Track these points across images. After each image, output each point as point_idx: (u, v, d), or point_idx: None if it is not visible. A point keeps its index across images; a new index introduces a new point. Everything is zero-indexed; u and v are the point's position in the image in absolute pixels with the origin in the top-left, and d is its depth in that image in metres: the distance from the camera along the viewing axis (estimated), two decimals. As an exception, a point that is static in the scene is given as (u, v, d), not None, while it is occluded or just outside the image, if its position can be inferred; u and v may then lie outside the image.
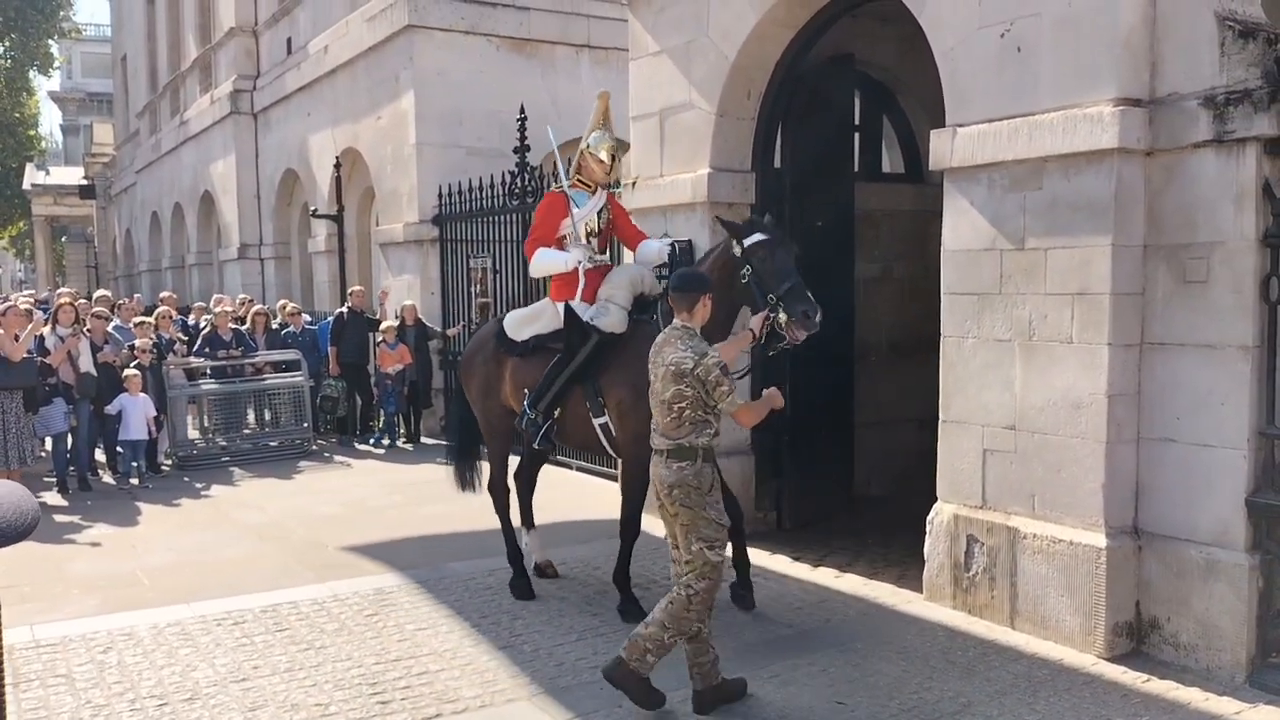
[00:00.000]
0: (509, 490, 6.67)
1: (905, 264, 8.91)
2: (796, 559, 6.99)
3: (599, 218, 6.35)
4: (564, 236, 6.25)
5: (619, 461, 6.13)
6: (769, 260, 5.22)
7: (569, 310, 6.00)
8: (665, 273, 6.18)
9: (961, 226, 5.75)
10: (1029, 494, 5.49)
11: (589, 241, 6.25)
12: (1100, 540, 5.14)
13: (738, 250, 5.33)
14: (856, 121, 8.60)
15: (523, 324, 6.33)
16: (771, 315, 5.18)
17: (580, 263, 6.10)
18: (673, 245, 6.27)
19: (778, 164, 7.73)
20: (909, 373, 8.69)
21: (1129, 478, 5.21)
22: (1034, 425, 5.44)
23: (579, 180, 6.35)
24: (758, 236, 5.29)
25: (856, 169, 8.52)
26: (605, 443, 5.97)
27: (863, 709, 4.61)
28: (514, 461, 6.74)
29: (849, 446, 8.17)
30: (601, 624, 5.78)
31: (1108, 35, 5.03)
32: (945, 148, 5.75)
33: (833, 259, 7.87)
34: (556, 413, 6.05)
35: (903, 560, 6.75)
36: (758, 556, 7.05)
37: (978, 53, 5.63)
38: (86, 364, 9.97)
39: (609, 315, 5.88)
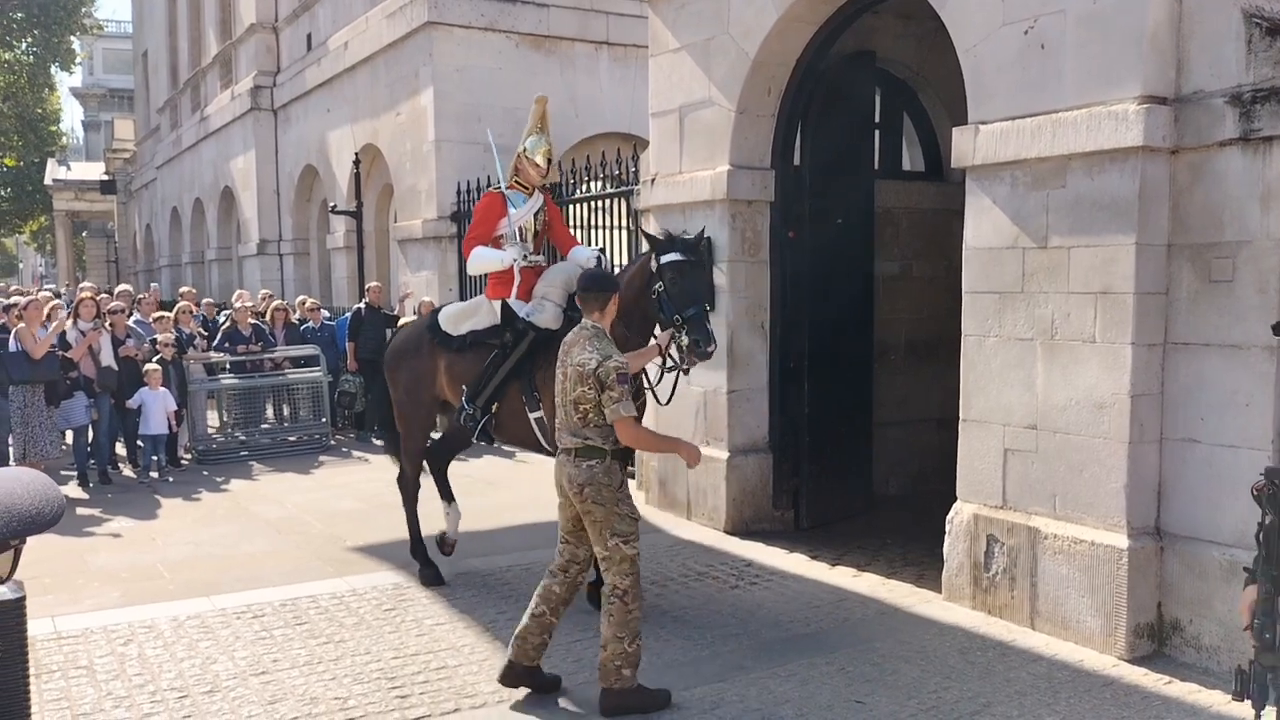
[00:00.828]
0: (419, 486, 6.73)
1: (925, 262, 8.87)
2: (814, 558, 6.97)
3: (535, 219, 6.49)
4: (500, 236, 6.38)
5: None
6: (679, 281, 5.26)
7: (505, 307, 6.13)
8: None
9: (983, 225, 5.72)
10: (1050, 494, 5.46)
11: (525, 241, 6.38)
12: (1122, 541, 5.11)
13: (654, 265, 5.37)
14: (877, 119, 8.57)
15: (459, 319, 6.42)
16: (676, 336, 5.25)
17: (515, 261, 6.22)
18: (599, 254, 6.38)
19: (797, 161, 7.71)
20: (928, 372, 8.66)
21: (1151, 478, 5.17)
22: (1056, 425, 5.41)
23: (516, 182, 6.49)
24: (674, 256, 5.31)
25: (877, 166, 8.49)
26: (540, 437, 6.04)
27: (881, 708, 4.60)
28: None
29: (867, 445, 8.14)
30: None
31: (1133, 32, 4.99)
32: (967, 145, 5.72)
33: (852, 257, 7.86)
34: (494, 407, 6.15)
35: (921, 560, 6.72)
36: (775, 555, 7.06)
37: (1000, 50, 5.59)
38: (107, 358, 10.03)
39: (544, 312, 6.01)
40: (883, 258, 8.46)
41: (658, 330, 5.46)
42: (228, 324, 12.06)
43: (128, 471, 10.68)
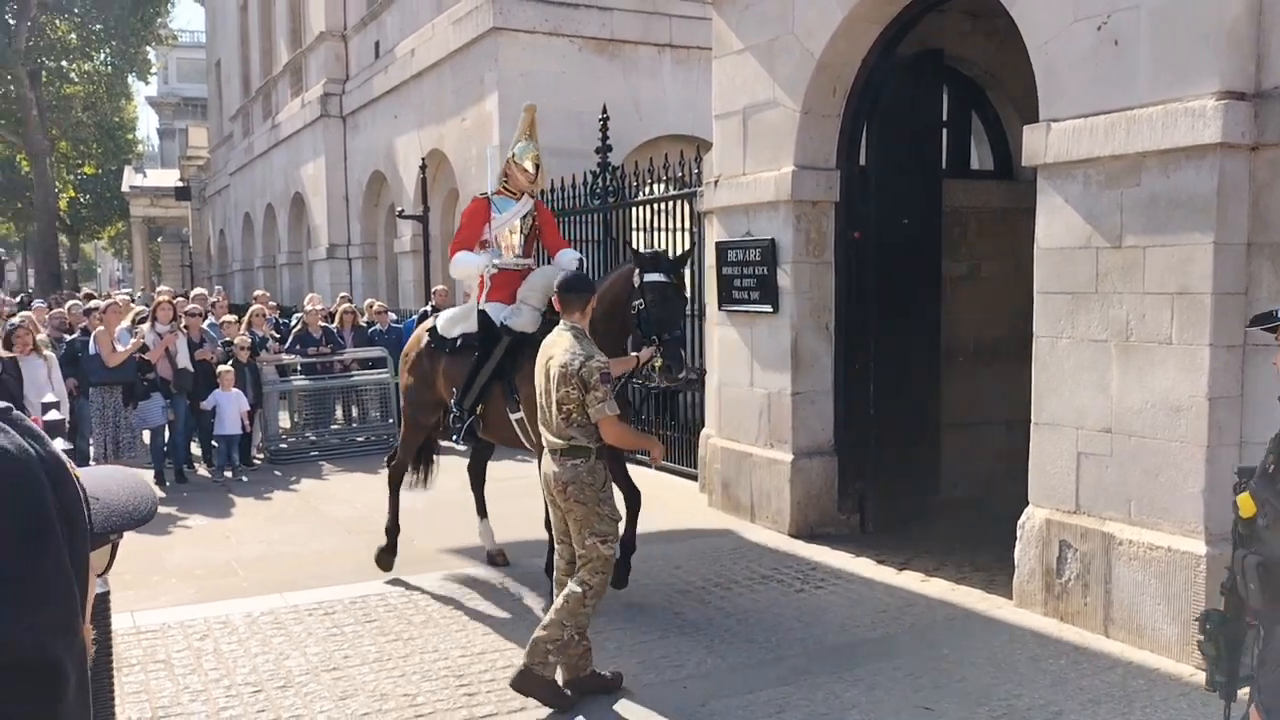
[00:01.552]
0: (406, 470, 7.10)
1: (994, 262, 8.73)
2: (880, 562, 6.90)
3: (523, 223, 6.64)
4: (485, 240, 6.53)
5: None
6: (659, 304, 5.36)
7: (481, 312, 6.36)
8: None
9: (1055, 224, 5.62)
10: (1125, 499, 5.34)
11: (510, 246, 6.57)
12: (1200, 547, 4.98)
13: (636, 280, 5.47)
14: (944, 118, 8.46)
15: (454, 323, 6.64)
16: (654, 354, 5.40)
17: (485, 268, 6.41)
18: (580, 259, 6.62)
19: (863, 161, 7.64)
20: (997, 373, 8.52)
21: (1230, 483, 5.02)
22: (1131, 428, 5.29)
23: (504, 188, 6.66)
24: (657, 276, 5.40)
25: (944, 166, 8.38)
26: (522, 437, 6.15)
27: (951, 715, 4.54)
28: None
29: (934, 448, 8.03)
30: (684, 622, 5.78)
31: (1210, 26, 4.87)
32: (1039, 143, 5.63)
33: (919, 257, 7.76)
34: (479, 409, 6.34)
35: (991, 565, 6.62)
36: (840, 559, 7.00)
37: (1073, 46, 5.49)
38: (183, 360, 10.29)
39: (521, 316, 6.15)
40: (950, 258, 8.35)
41: (629, 343, 5.62)
42: (299, 327, 12.30)
43: (202, 471, 10.94)
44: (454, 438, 6.67)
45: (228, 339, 11.19)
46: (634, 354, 5.49)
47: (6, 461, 0.86)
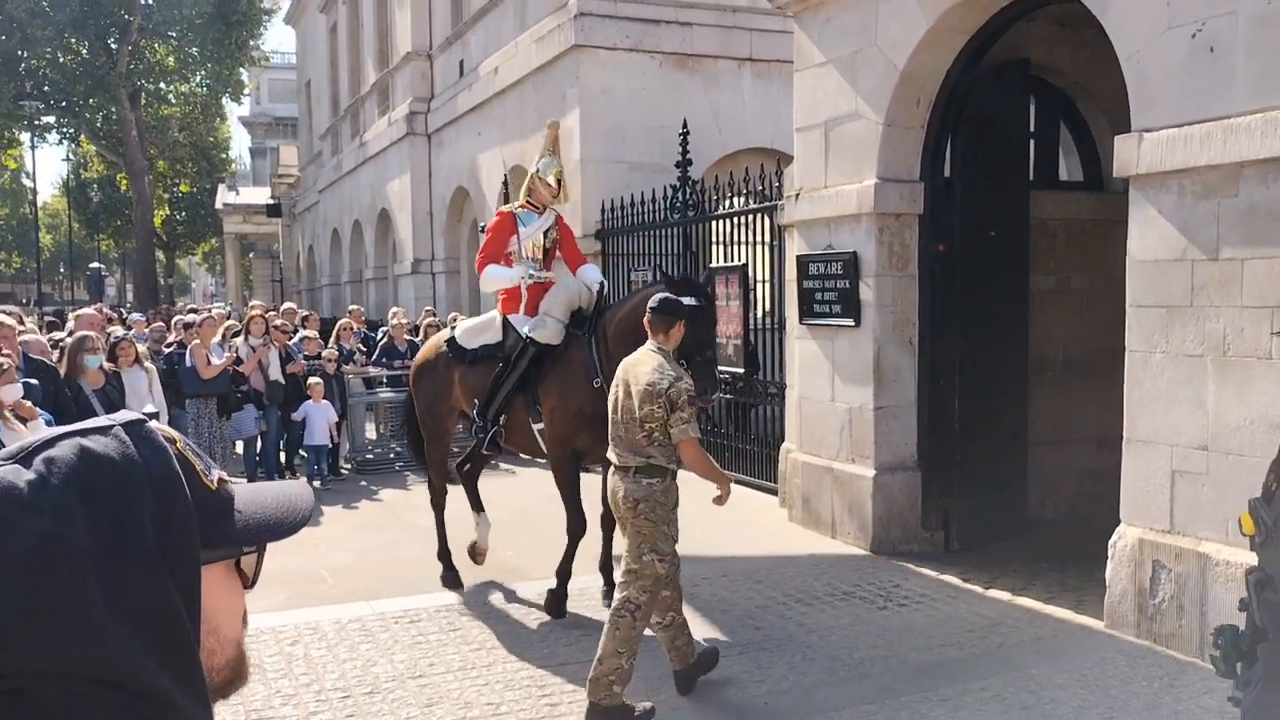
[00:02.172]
0: (446, 491, 7.18)
1: (1083, 275, 8.55)
2: (966, 580, 6.79)
3: (545, 237, 6.79)
4: (510, 253, 6.68)
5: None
6: (694, 326, 5.31)
7: (506, 323, 6.54)
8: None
9: (1149, 236, 5.49)
10: (1222, 519, 5.17)
11: (536, 259, 6.70)
12: (1303, 570, 4.80)
13: None
14: (1031, 128, 8.32)
15: (473, 334, 6.82)
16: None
17: (523, 279, 6.55)
18: (601, 283, 6.68)
19: (947, 173, 7.56)
20: (1087, 389, 8.33)
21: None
22: (1228, 446, 5.13)
23: (528, 202, 6.82)
24: (692, 300, 5.42)
25: (1031, 177, 8.23)
26: (543, 446, 6.39)
27: (1039, 737, 4.44)
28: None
29: (1021, 465, 7.86)
30: (765, 637, 5.75)
31: (1313, 31, 4.72)
32: (1131, 154, 5.51)
33: (1005, 270, 7.63)
34: (502, 419, 6.50)
35: (1080, 585, 6.47)
36: (924, 577, 6.91)
37: (1166, 55, 5.37)
38: (275, 372, 10.58)
39: (545, 328, 6.32)
40: (1038, 270, 8.18)
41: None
42: (385, 340, 12.56)
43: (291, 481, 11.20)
44: (480, 447, 6.80)
45: (308, 354, 11.49)
46: None
47: (107, 472, 0.87)
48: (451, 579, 6.93)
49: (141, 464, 0.89)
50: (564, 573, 6.27)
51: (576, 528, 6.26)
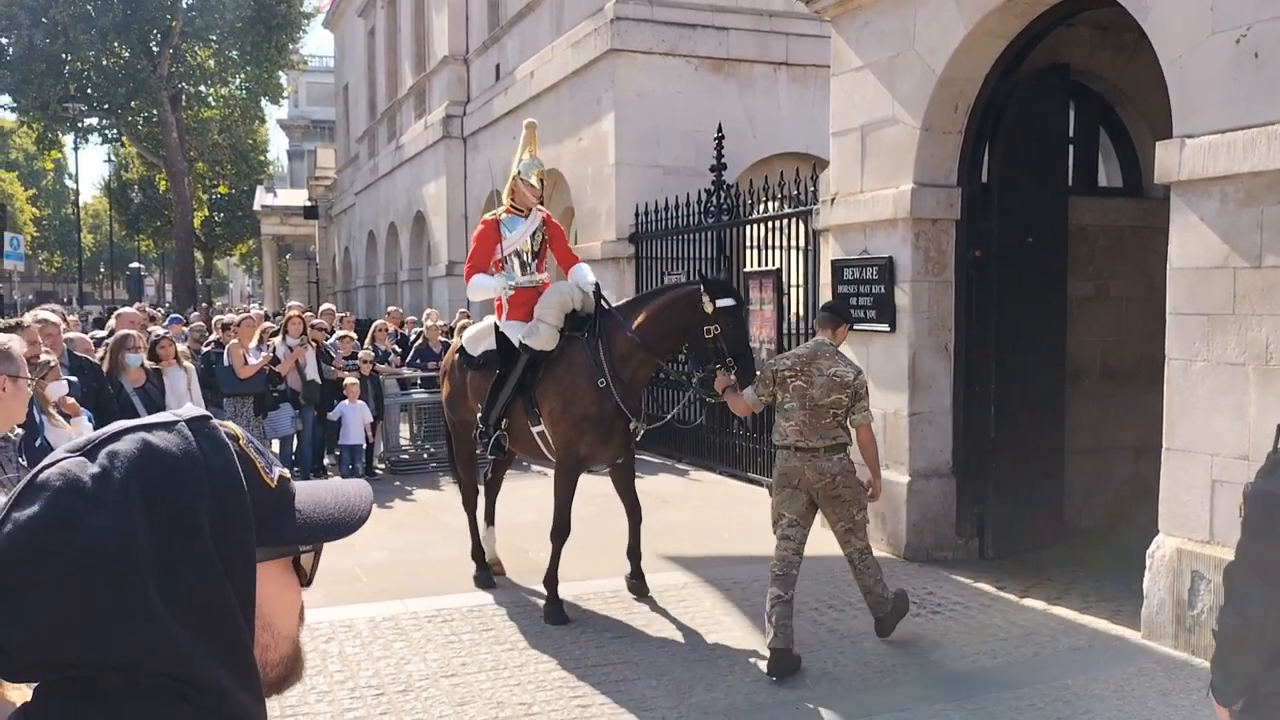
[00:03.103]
0: (478, 490, 7.30)
1: (1123, 282, 8.46)
2: (1000, 589, 6.73)
3: (533, 240, 6.75)
4: (498, 260, 6.67)
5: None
6: (735, 327, 5.94)
7: (497, 331, 6.61)
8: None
9: (1190, 243, 5.43)
10: (1264, 530, 5.10)
11: (528, 262, 6.72)
12: (1347, 583, 4.72)
13: (709, 307, 5.87)
14: (1071, 134, 8.25)
15: (478, 340, 6.89)
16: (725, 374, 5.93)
17: (503, 290, 6.55)
18: (596, 285, 6.65)
19: (985, 179, 7.51)
20: (1126, 397, 8.25)
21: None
22: (1270, 456, 5.05)
23: (512, 206, 6.78)
24: (730, 301, 5.94)
25: (1070, 183, 8.16)
26: (544, 449, 6.51)
27: (1075, 748, 4.40)
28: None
29: (1059, 473, 7.79)
30: (798, 643, 5.72)
31: (1362, 36, 4.65)
32: (1172, 160, 5.45)
33: (1044, 276, 7.57)
34: (504, 423, 6.61)
35: (1117, 595, 6.39)
36: (958, 584, 6.86)
37: (1209, 59, 5.31)
38: (312, 372, 10.68)
39: (538, 334, 6.34)
40: (1077, 277, 8.11)
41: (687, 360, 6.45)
42: (419, 341, 12.64)
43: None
44: (482, 450, 6.94)
45: (345, 354, 11.60)
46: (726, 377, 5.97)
47: (168, 467, 0.89)
48: (484, 579, 6.99)
49: (202, 460, 0.91)
50: (553, 580, 6.28)
51: (563, 533, 6.37)
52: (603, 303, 6.50)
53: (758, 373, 5.78)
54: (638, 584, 6.65)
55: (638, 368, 6.21)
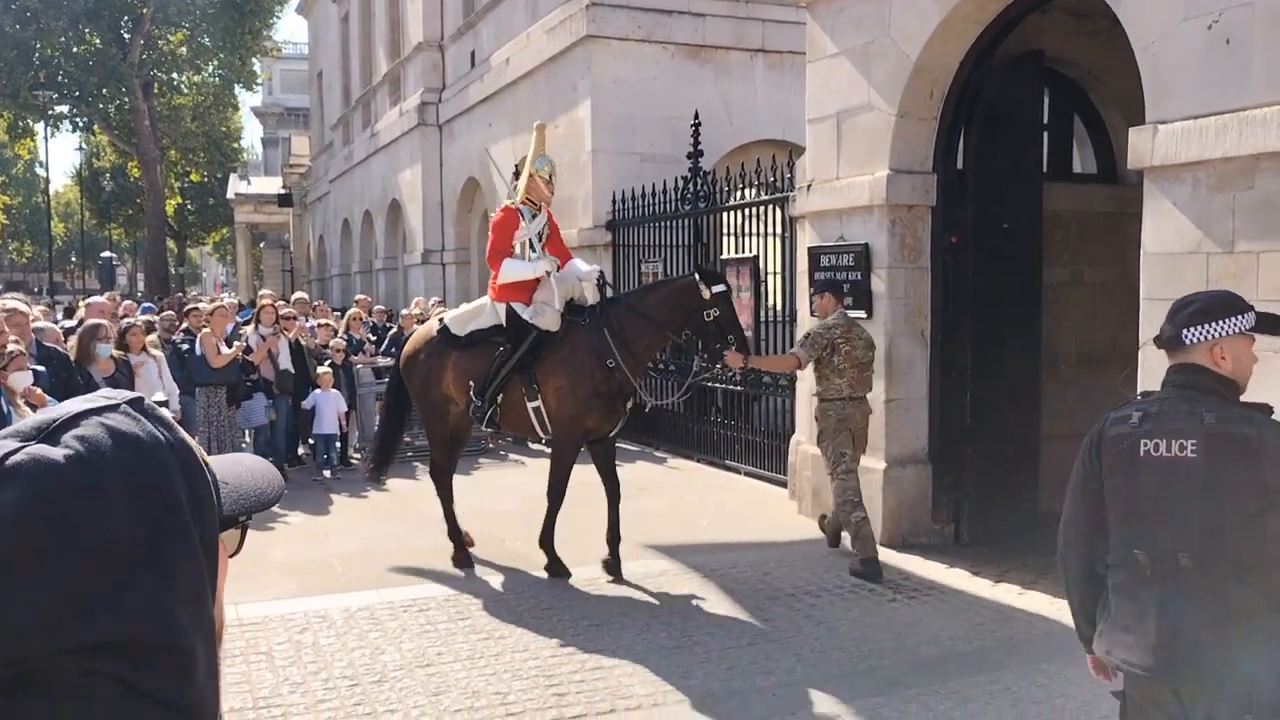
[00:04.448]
0: (450, 473, 7.54)
1: (1097, 268, 8.50)
2: (976, 574, 6.77)
3: (539, 234, 7.15)
4: (515, 246, 7.04)
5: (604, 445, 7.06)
6: (729, 308, 6.66)
7: (511, 310, 6.89)
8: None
9: (1163, 229, 5.45)
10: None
11: (535, 252, 7.06)
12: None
13: (705, 294, 6.50)
14: (1045, 120, 8.27)
15: (465, 320, 7.21)
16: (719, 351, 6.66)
17: (549, 271, 6.89)
18: (601, 273, 7.26)
19: (960, 165, 7.52)
20: (1101, 383, 8.27)
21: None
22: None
23: (528, 198, 7.14)
24: (722, 287, 6.63)
25: (1045, 169, 8.18)
26: (536, 424, 6.92)
27: (1049, 731, 4.42)
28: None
29: (1034, 459, 7.82)
30: (773, 629, 5.74)
31: (1333, 22, 4.67)
32: (1145, 146, 5.46)
33: (1019, 263, 7.59)
34: (500, 399, 6.90)
35: (1091, 579, 6.43)
36: (934, 570, 6.89)
37: (1182, 46, 5.32)
38: (285, 361, 10.59)
39: (544, 316, 6.81)
40: (1052, 263, 8.13)
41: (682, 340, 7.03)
42: (395, 330, 12.56)
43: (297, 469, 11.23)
44: (478, 424, 7.24)
45: (322, 343, 11.52)
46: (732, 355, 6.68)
47: (139, 449, 0.89)
48: (464, 559, 7.11)
49: (164, 441, 0.91)
50: (550, 539, 6.81)
51: (559, 500, 6.83)
52: (608, 289, 7.16)
53: (807, 338, 6.94)
54: (614, 565, 6.78)
55: (648, 346, 6.92)
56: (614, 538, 6.82)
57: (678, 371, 7.22)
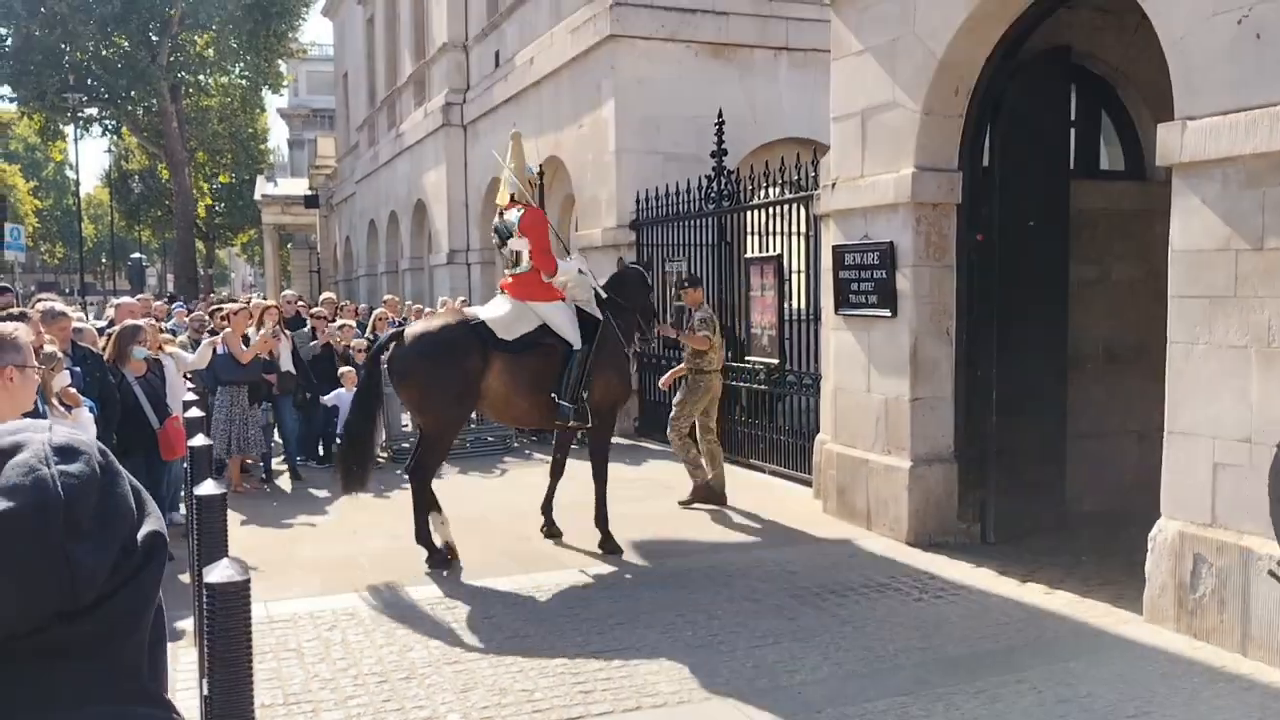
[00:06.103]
0: (436, 474, 7.56)
1: (1125, 265, 8.43)
2: (1003, 573, 6.73)
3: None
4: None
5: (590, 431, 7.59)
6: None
7: (580, 310, 7.42)
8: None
9: (1192, 225, 5.41)
10: (1265, 512, 5.10)
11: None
12: (1349, 566, 4.72)
13: (652, 282, 7.95)
14: (1072, 117, 8.20)
15: (508, 324, 7.16)
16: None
17: (584, 270, 7.67)
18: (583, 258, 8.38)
19: (986, 162, 7.48)
20: (1128, 381, 8.22)
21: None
22: (1272, 439, 5.04)
23: (526, 199, 7.63)
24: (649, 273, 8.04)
25: (1072, 166, 8.12)
26: (575, 415, 7.27)
27: (1077, 731, 4.40)
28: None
29: (1061, 458, 7.77)
30: (799, 628, 5.74)
31: (1365, 16, 4.62)
32: (1174, 142, 5.42)
33: (1045, 260, 7.55)
34: (585, 395, 7.18)
35: (1119, 579, 6.38)
36: (960, 569, 6.86)
37: (1211, 41, 5.28)
38: (286, 363, 10.65)
39: (594, 310, 7.50)
40: (1079, 261, 8.07)
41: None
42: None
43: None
44: (564, 422, 7.29)
45: (345, 344, 11.62)
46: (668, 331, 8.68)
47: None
48: (439, 559, 7.06)
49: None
50: (604, 519, 7.38)
51: (606, 479, 7.48)
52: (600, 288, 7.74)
53: (704, 320, 8.67)
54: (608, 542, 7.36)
55: (631, 334, 7.77)
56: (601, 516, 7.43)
57: (655, 335, 8.40)
